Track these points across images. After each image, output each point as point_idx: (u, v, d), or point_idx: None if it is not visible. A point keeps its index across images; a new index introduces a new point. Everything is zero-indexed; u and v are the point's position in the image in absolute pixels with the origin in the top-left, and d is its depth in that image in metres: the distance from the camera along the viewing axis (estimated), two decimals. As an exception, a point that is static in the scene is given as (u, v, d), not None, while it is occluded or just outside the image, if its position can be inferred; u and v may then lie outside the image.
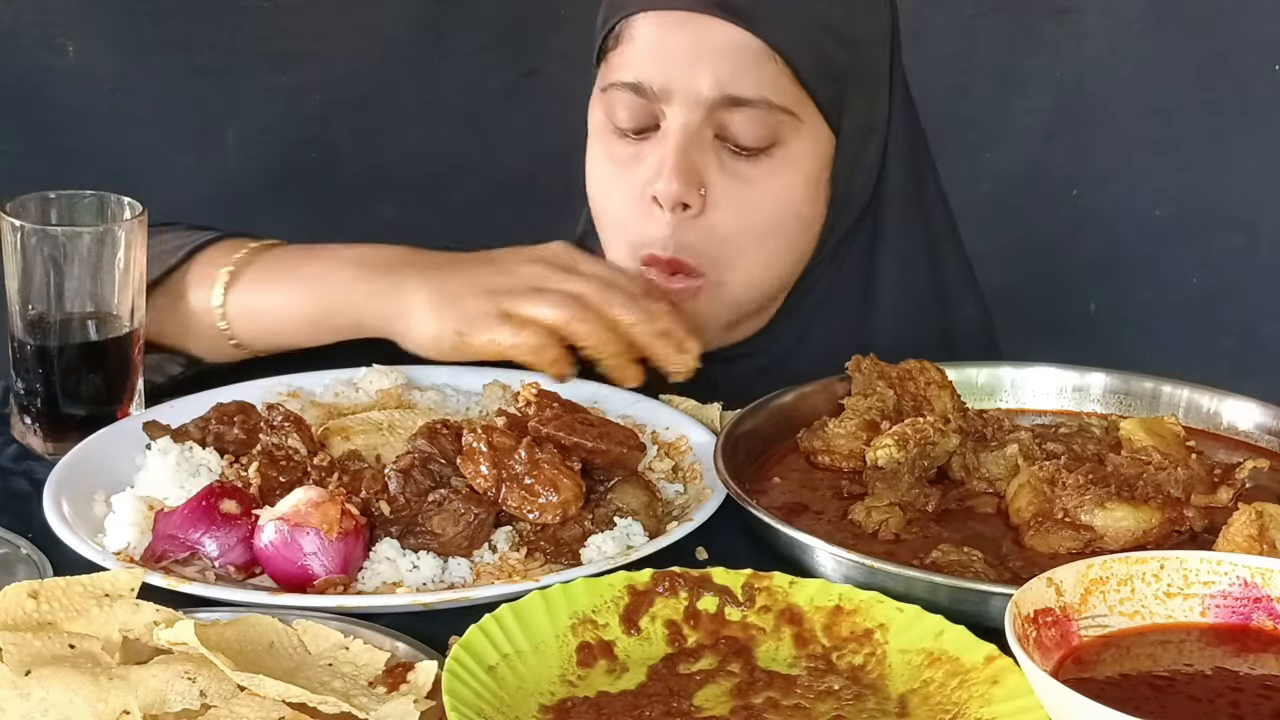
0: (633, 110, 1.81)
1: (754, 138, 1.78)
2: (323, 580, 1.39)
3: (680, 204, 1.78)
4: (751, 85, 1.77)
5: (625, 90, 1.81)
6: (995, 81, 2.94)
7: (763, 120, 1.78)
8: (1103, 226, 3.00)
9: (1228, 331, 2.98)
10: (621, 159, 1.83)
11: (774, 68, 1.77)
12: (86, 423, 1.64)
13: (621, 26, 1.82)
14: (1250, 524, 1.36)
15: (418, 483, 1.47)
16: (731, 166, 1.79)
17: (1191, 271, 3.00)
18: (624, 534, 1.47)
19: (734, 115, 1.77)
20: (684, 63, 1.77)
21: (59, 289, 1.64)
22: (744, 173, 1.79)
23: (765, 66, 1.77)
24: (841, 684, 1.28)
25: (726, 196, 1.79)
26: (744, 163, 1.79)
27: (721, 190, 1.79)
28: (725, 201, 1.79)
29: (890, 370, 1.69)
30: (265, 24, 2.81)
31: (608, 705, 1.25)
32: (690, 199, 1.77)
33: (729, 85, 1.76)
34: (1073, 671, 1.20)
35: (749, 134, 1.78)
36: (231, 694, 1.19)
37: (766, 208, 1.81)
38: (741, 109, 1.77)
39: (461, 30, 2.87)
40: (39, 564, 1.43)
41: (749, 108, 1.77)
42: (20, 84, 2.74)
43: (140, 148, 2.77)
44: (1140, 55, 2.91)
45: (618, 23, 1.83)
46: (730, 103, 1.77)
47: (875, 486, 1.53)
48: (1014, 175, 2.97)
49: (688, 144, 1.78)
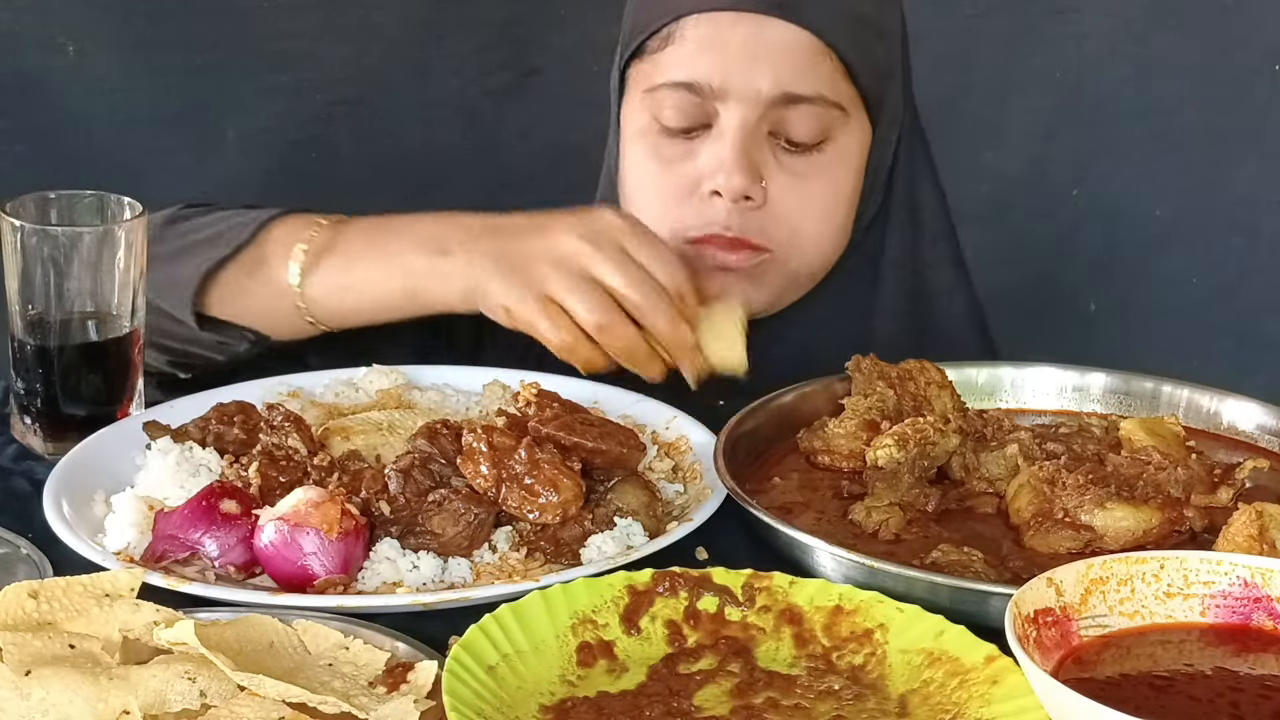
0: (684, 109, 1.84)
1: (809, 133, 1.84)
2: (323, 580, 1.39)
3: (743, 196, 1.82)
4: (809, 83, 1.82)
5: (677, 90, 1.84)
6: (995, 81, 2.94)
7: (818, 116, 1.83)
8: (1103, 226, 3.00)
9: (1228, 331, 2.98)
10: (670, 157, 1.86)
11: (829, 65, 1.83)
12: (86, 423, 1.64)
13: (671, 29, 1.85)
14: (1250, 524, 1.36)
15: (418, 483, 1.47)
16: (787, 162, 1.85)
17: (1191, 271, 3.00)
18: (624, 534, 1.47)
19: (791, 113, 1.83)
20: (742, 61, 1.81)
21: (59, 289, 1.64)
22: (799, 168, 1.85)
23: (821, 64, 1.82)
24: (841, 684, 1.28)
25: (784, 190, 1.85)
26: (798, 158, 1.85)
27: (779, 184, 1.84)
28: (783, 195, 1.85)
29: (890, 370, 1.69)
30: (265, 24, 2.81)
31: (608, 705, 1.25)
32: (753, 192, 1.83)
33: (788, 83, 1.81)
34: (1073, 671, 1.20)
35: (805, 130, 1.83)
36: (231, 694, 1.19)
37: (821, 199, 1.88)
38: (798, 106, 1.82)
39: (461, 30, 2.87)
40: (39, 564, 1.43)
41: (806, 104, 1.82)
42: (20, 84, 2.73)
43: (140, 148, 2.77)
44: (1140, 55, 2.91)
45: (664, 25, 1.85)
46: (788, 100, 1.82)
47: (875, 486, 1.53)
48: (1014, 175, 2.97)
49: (747, 140, 1.82)
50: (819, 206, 1.88)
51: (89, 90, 2.76)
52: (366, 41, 2.85)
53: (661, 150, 1.87)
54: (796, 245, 1.88)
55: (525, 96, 2.86)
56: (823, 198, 1.88)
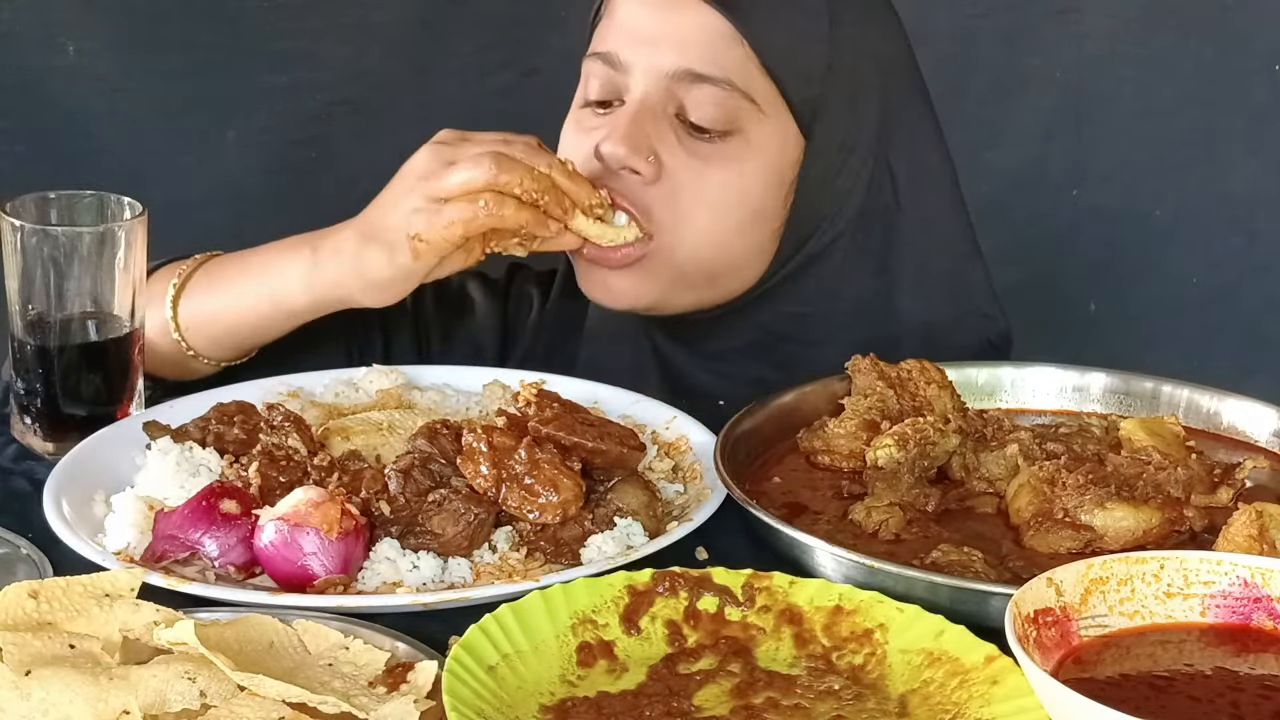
0: (603, 81, 1.83)
1: (712, 119, 1.79)
2: (323, 580, 1.39)
3: (628, 168, 1.78)
4: (715, 64, 1.78)
5: (596, 60, 1.84)
6: (995, 81, 2.94)
7: (723, 102, 1.78)
8: (1103, 226, 3.00)
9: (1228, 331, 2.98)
10: (586, 127, 1.85)
11: (741, 52, 1.78)
12: (86, 423, 1.64)
13: (605, 6, 1.86)
14: (1250, 524, 1.36)
15: (418, 483, 1.47)
16: (689, 145, 1.80)
17: (1191, 271, 3.00)
18: (624, 534, 1.47)
19: (694, 92, 1.78)
20: (650, 36, 1.80)
21: (59, 289, 1.64)
22: (701, 152, 1.80)
23: (733, 49, 1.78)
24: (841, 684, 1.28)
25: (682, 171, 1.79)
26: (702, 144, 1.80)
27: (678, 164, 1.79)
28: (681, 175, 1.79)
29: (890, 370, 1.69)
30: (265, 24, 2.81)
31: (608, 705, 1.25)
32: (637, 164, 1.78)
33: (691, 60, 1.78)
34: (1073, 671, 1.20)
35: (707, 114, 1.79)
36: (231, 694, 1.19)
37: (719, 189, 1.80)
38: (702, 85, 1.78)
39: (461, 30, 2.87)
40: (39, 564, 1.43)
41: (710, 85, 1.78)
42: (21, 84, 2.74)
43: (140, 148, 2.77)
44: (1140, 55, 2.91)
45: (603, 3, 1.87)
46: (691, 78, 1.78)
47: (875, 486, 1.53)
48: (1014, 175, 2.97)
49: (642, 113, 1.79)
50: (715, 197, 1.80)
51: (89, 90, 2.76)
52: (366, 41, 2.86)
53: (582, 121, 1.86)
54: (684, 234, 1.80)
55: (525, 96, 2.86)
56: (721, 188, 1.80)
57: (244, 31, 2.80)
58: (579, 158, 1.82)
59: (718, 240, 1.82)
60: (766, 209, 1.84)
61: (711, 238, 1.82)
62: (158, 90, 2.79)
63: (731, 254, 1.84)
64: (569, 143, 1.87)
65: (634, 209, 1.78)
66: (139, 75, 2.77)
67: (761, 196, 1.83)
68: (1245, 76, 2.89)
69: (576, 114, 1.87)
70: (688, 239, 1.81)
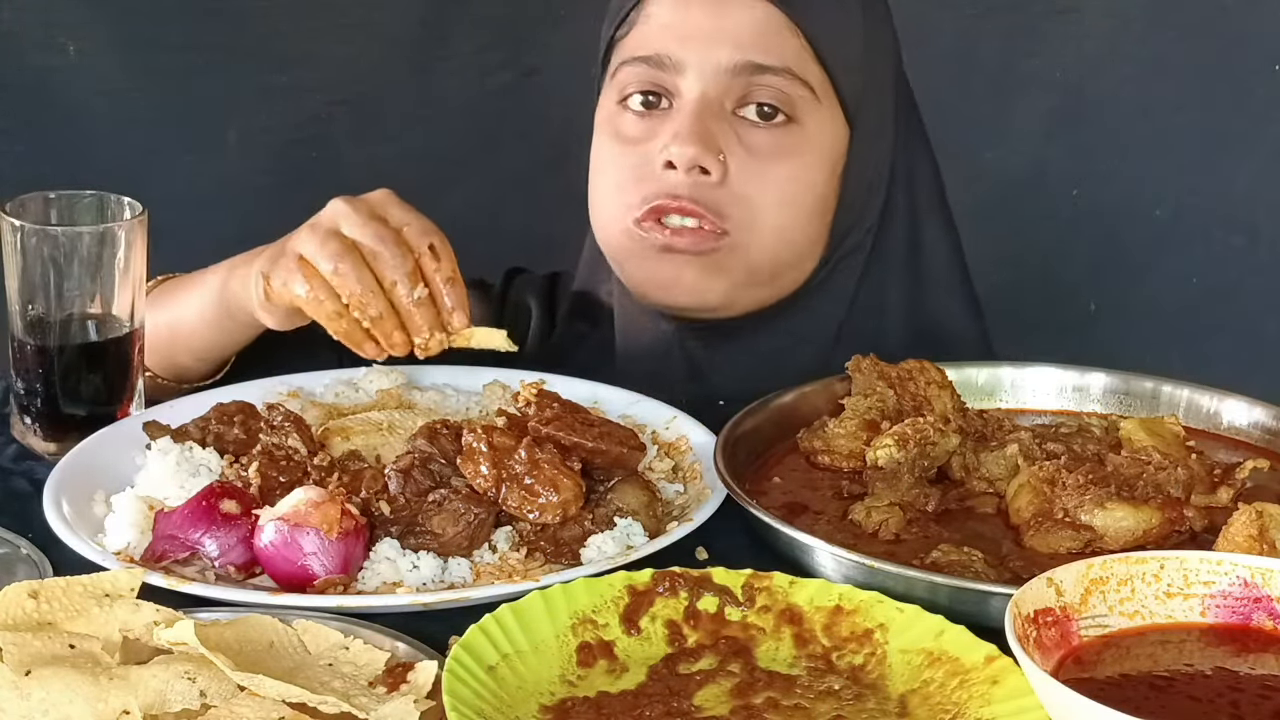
0: (646, 84, 1.82)
1: (772, 102, 1.80)
2: (323, 580, 1.39)
3: (697, 167, 1.78)
4: (774, 54, 1.80)
5: (639, 64, 1.83)
6: (995, 81, 2.94)
7: (786, 89, 1.80)
8: (1103, 226, 3.00)
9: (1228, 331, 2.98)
10: (631, 136, 1.84)
11: (796, 42, 1.81)
12: (86, 423, 1.64)
13: (634, 13, 1.85)
14: (1250, 524, 1.36)
15: (418, 483, 1.47)
16: (749, 140, 1.81)
17: (1191, 271, 3.00)
18: (624, 534, 1.47)
19: (754, 82, 1.80)
20: (703, 34, 1.80)
21: (59, 289, 1.64)
22: (761, 146, 1.81)
23: (788, 40, 1.80)
24: (841, 684, 1.28)
25: (746, 166, 1.80)
26: (761, 133, 1.81)
27: (740, 160, 1.80)
28: (745, 170, 1.80)
29: (890, 370, 1.69)
30: (265, 24, 2.81)
31: (608, 705, 1.25)
32: (708, 163, 1.78)
33: (749, 53, 1.79)
34: (1073, 671, 1.20)
35: (768, 98, 1.80)
36: (231, 694, 1.19)
37: (784, 182, 1.82)
38: (762, 75, 1.80)
39: (461, 30, 2.87)
40: (39, 564, 1.43)
41: (770, 74, 1.80)
42: (21, 84, 2.74)
43: (140, 148, 2.77)
44: (1140, 55, 2.91)
45: (631, 9, 1.85)
46: (752, 69, 1.79)
47: (875, 486, 1.53)
48: (1014, 175, 2.97)
49: (704, 111, 1.79)
50: (780, 189, 1.82)
51: (89, 90, 2.76)
52: (366, 41, 2.86)
53: (623, 129, 1.85)
54: (756, 228, 1.81)
55: (525, 96, 2.86)
56: (786, 182, 1.82)
57: (244, 31, 2.80)
58: (630, 167, 1.82)
59: (787, 233, 1.85)
60: (825, 199, 1.86)
61: (781, 231, 1.84)
62: (158, 90, 2.79)
63: (797, 247, 1.87)
64: (609, 156, 1.86)
65: (705, 211, 1.79)
66: (139, 75, 2.77)
67: (822, 186, 1.86)
68: (1245, 76, 2.89)
69: (615, 123, 1.86)
70: (761, 234, 1.82)
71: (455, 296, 1.62)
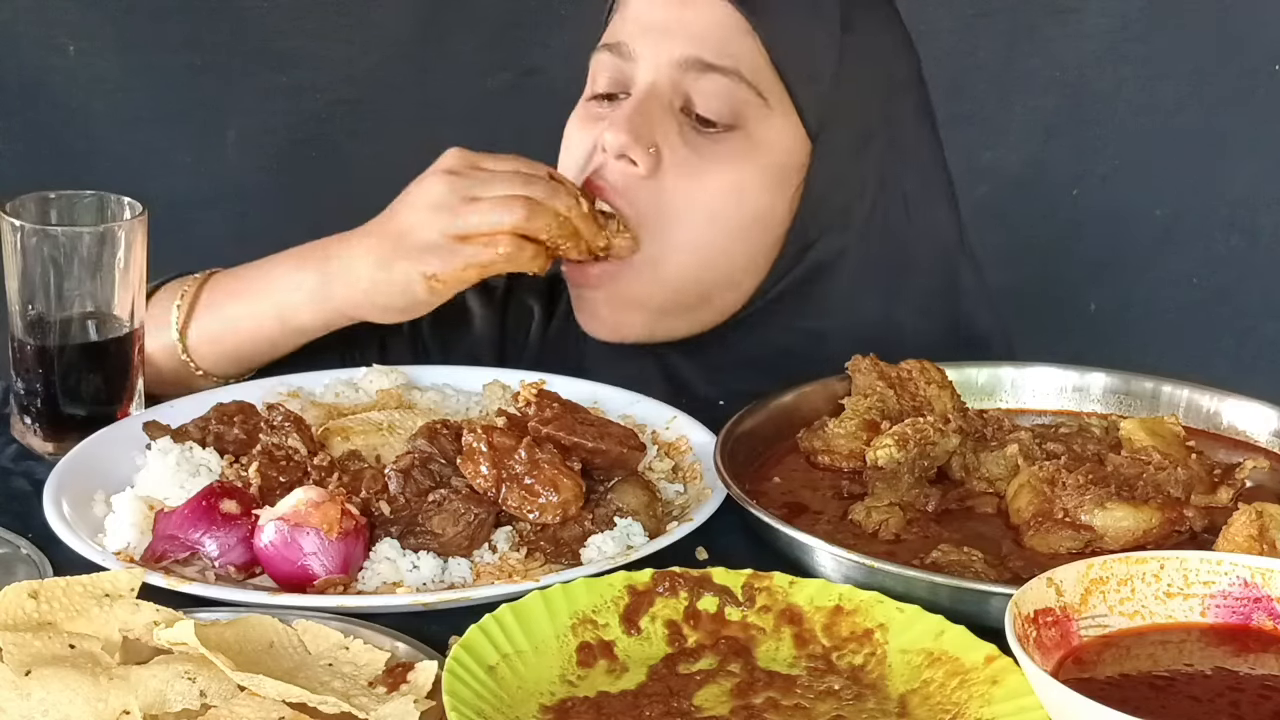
0: (611, 74, 1.82)
1: (716, 111, 1.77)
2: (323, 580, 1.39)
3: (625, 157, 1.76)
4: (724, 54, 1.77)
5: (605, 52, 1.83)
6: (995, 81, 2.94)
7: (730, 92, 1.77)
8: (1103, 226, 3.00)
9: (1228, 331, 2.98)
10: (589, 119, 1.83)
11: (751, 44, 1.77)
12: (86, 423, 1.64)
13: (616, 2, 1.86)
14: (1250, 524, 1.36)
15: (418, 483, 1.47)
16: (692, 140, 1.77)
17: (1191, 271, 3.00)
18: (624, 534, 1.47)
19: (702, 81, 1.77)
20: (661, 25, 1.79)
21: (59, 289, 1.64)
22: (703, 148, 1.77)
23: (743, 40, 1.77)
24: (841, 684, 1.28)
25: (681, 167, 1.77)
26: (705, 139, 1.77)
27: (677, 159, 1.77)
28: (679, 172, 1.77)
29: (890, 370, 1.69)
30: (265, 24, 2.81)
31: (608, 705, 1.25)
32: (636, 154, 1.75)
33: (701, 49, 1.77)
34: (1073, 671, 1.20)
35: (713, 106, 1.77)
36: (231, 694, 1.19)
37: (719, 189, 1.78)
38: (710, 75, 1.77)
39: (461, 30, 2.87)
40: (39, 564, 1.43)
41: (718, 74, 1.76)
42: (20, 84, 2.74)
43: (140, 148, 2.77)
44: (1140, 55, 2.91)
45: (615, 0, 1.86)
46: (700, 67, 1.77)
47: (875, 486, 1.53)
48: (1014, 175, 2.97)
49: (647, 102, 1.77)
50: (711, 200, 1.77)
51: (89, 90, 2.77)
52: (366, 41, 2.86)
53: (587, 113, 1.84)
54: (673, 241, 1.76)
55: (525, 96, 2.86)
56: (719, 193, 1.76)
57: (244, 31, 2.81)
58: (581, 151, 1.81)
59: (711, 248, 1.79)
60: (767, 213, 1.81)
61: (703, 246, 1.78)
62: (158, 90, 2.79)
63: (730, 262, 1.81)
64: (572, 137, 1.85)
65: (624, 206, 1.76)
66: (139, 75, 2.78)
67: (760, 199, 1.80)
68: (1245, 76, 2.89)
69: (582, 107, 1.86)
70: (677, 248, 1.77)
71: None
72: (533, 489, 1.46)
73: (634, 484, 1.52)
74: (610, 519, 1.48)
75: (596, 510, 1.49)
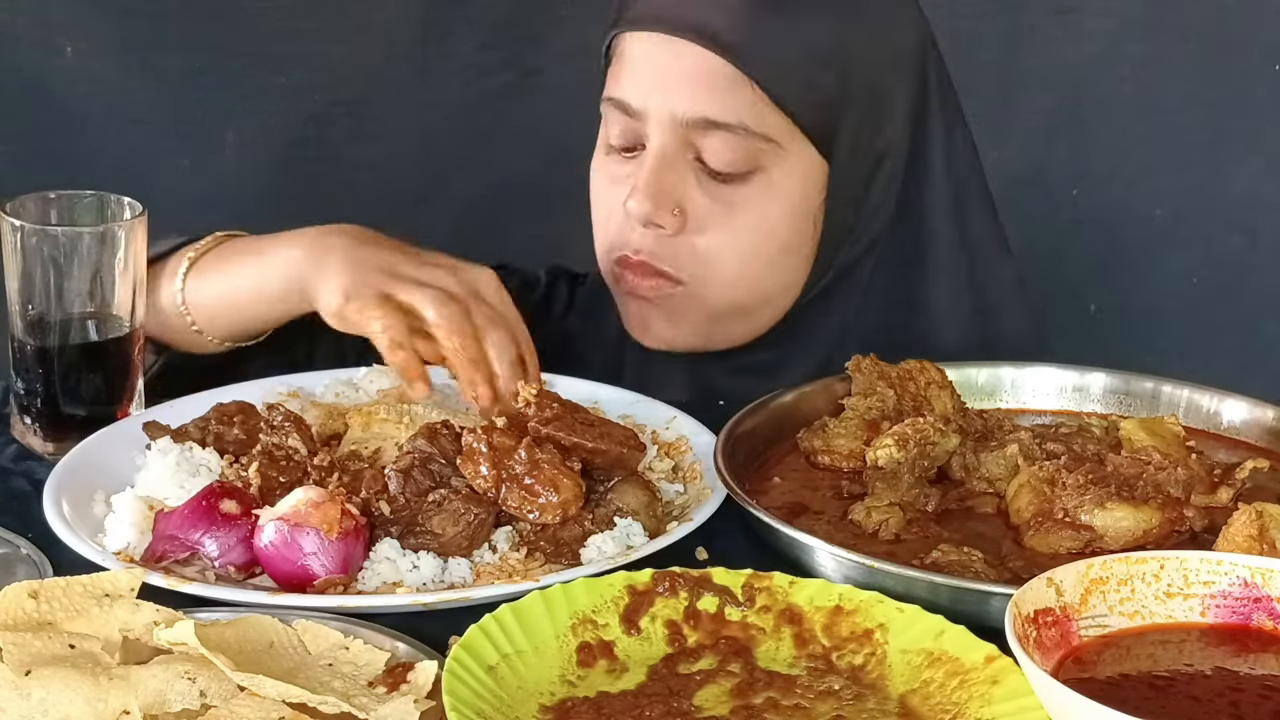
0: (622, 128, 1.82)
1: (730, 163, 1.78)
2: (323, 580, 1.39)
3: (651, 223, 1.78)
4: (727, 110, 1.76)
5: (614, 107, 1.82)
6: (995, 81, 2.94)
7: (740, 146, 1.77)
8: (1103, 226, 3.00)
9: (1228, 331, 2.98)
10: (613, 176, 1.85)
11: (751, 94, 1.76)
12: (86, 423, 1.64)
13: (616, 42, 1.84)
14: (1250, 524, 1.36)
15: (418, 483, 1.47)
16: (712, 190, 1.79)
17: (1191, 271, 3.00)
18: (624, 534, 1.47)
19: (710, 138, 1.77)
20: (661, 84, 1.78)
21: (59, 289, 1.64)
22: (724, 196, 1.79)
23: (742, 92, 1.76)
24: (841, 684, 1.28)
25: (708, 219, 1.79)
26: (724, 187, 1.79)
27: (703, 212, 1.79)
28: (707, 224, 1.79)
29: (890, 370, 1.69)
30: (265, 24, 2.81)
31: (608, 705, 1.25)
32: (662, 219, 1.78)
33: (703, 107, 1.76)
34: (1073, 671, 1.20)
35: (725, 159, 1.78)
36: (231, 694, 1.19)
37: (747, 232, 1.81)
38: (717, 132, 1.77)
39: (461, 30, 2.87)
40: (39, 564, 1.43)
41: (725, 131, 1.77)
42: (20, 84, 2.74)
43: (140, 148, 2.77)
44: (1140, 55, 2.91)
45: (613, 38, 1.84)
46: (705, 125, 1.77)
47: (875, 486, 1.53)
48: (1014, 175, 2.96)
49: (662, 165, 1.78)
50: (741, 241, 1.80)
51: (89, 90, 2.76)
52: (366, 41, 2.86)
53: (609, 168, 1.85)
54: (711, 279, 1.81)
55: (525, 96, 2.86)
56: (746, 233, 1.80)
57: (244, 32, 2.80)
58: (606, 212, 1.84)
59: (747, 281, 1.84)
60: (794, 241, 1.84)
61: (740, 280, 1.83)
62: (157, 90, 2.79)
63: (764, 288, 1.85)
64: (599, 193, 1.87)
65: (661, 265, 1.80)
66: (139, 75, 2.77)
67: (788, 232, 1.83)
68: (1245, 76, 2.89)
69: (602, 159, 1.87)
70: (717, 284, 1.82)
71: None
72: (533, 489, 1.46)
73: (634, 484, 1.52)
74: (610, 519, 1.48)
75: (596, 510, 1.49)
